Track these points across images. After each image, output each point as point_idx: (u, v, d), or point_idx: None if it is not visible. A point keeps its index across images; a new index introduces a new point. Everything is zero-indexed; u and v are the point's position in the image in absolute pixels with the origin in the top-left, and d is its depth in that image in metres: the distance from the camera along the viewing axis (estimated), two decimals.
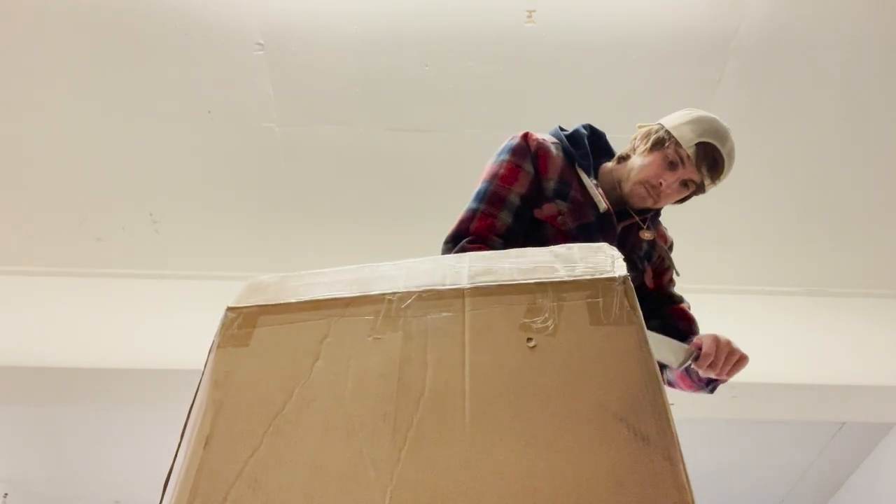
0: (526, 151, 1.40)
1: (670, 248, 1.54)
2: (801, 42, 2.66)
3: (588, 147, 1.48)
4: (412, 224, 3.03)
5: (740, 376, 1.36)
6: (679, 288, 1.61)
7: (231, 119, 2.82)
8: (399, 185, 3.00)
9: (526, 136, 1.42)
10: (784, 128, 2.87)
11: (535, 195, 1.38)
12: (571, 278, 0.80)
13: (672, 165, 1.37)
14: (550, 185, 1.38)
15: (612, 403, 0.70)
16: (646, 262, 1.47)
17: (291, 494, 0.68)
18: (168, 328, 2.93)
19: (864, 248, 3.15)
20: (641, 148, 1.44)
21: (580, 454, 0.67)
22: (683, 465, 0.66)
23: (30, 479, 3.92)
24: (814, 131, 2.87)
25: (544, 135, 1.46)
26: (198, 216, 3.05)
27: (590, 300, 0.77)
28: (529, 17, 2.59)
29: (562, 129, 1.52)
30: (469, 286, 0.81)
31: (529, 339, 0.76)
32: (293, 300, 0.84)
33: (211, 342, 0.83)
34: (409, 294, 0.82)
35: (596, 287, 0.78)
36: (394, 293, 0.82)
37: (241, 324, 0.83)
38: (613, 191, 1.45)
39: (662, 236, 1.53)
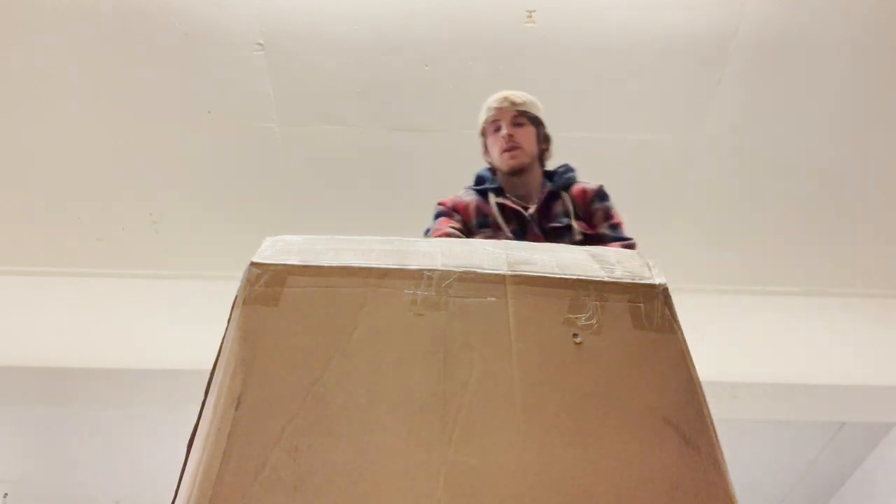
0: (449, 210, 1.73)
1: (600, 195, 1.73)
2: (800, 42, 2.66)
3: (488, 176, 1.80)
4: (412, 224, 3.03)
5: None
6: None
7: (231, 119, 2.82)
8: (399, 185, 3.00)
9: (441, 203, 1.76)
10: (784, 127, 2.87)
11: (467, 234, 1.67)
12: (612, 279, 0.80)
13: (496, 130, 1.74)
14: (473, 223, 1.69)
15: (661, 408, 0.71)
16: (569, 219, 1.68)
17: (338, 467, 0.65)
18: (168, 328, 2.93)
19: (864, 248, 3.15)
20: (482, 148, 1.83)
21: (633, 456, 0.67)
22: (729, 475, 0.67)
23: (30, 479, 3.92)
24: (813, 131, 2.87)
25: (454, 196, 1.79)
26: (198, 216, 3.05)
27: (631, 304, 0.78)
28: (529, 17, 2.59)
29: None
30: (510, 273, 0.81)
31: (575, 335, 0.76)
32: (324, 264, 0.81)
33: (234, 298, 0.79)
34: (449, 273, 0.81)
35: (637, 292, 0.79)
36: (433, 270, 0.81)
37: (269, 282, 0.80)
38: (515, 183, 1.73)
39: (582, 192, 1.73)
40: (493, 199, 1.72)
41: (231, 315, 0.79)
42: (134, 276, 3.11)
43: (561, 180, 1.76)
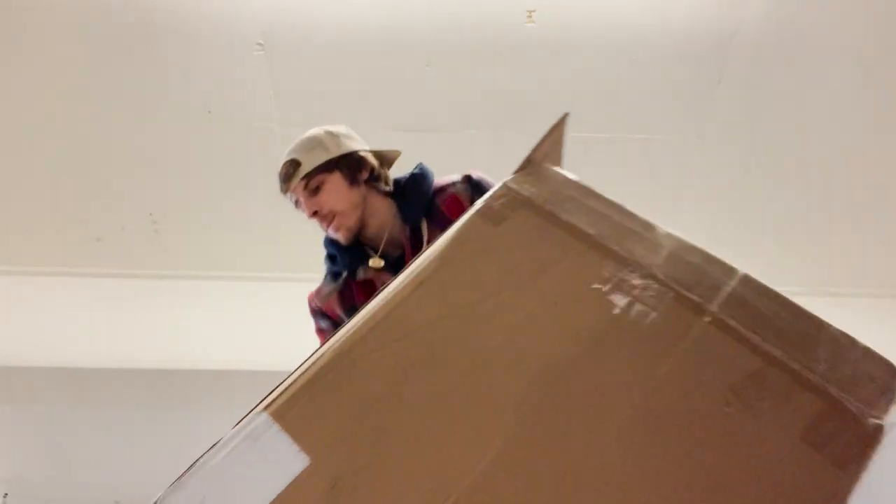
0: (315, 311, 1.55)
1: (473, 189, 1.52)
2: (800, 42, 2.66)
3: (338, 248, 1.54)
4: None
5: None
6: None
7: (231, 119, 2.82)
8: None
9: (308, 300, 1.56)
10: (784, 127, 2.87)
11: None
12: (816, 379, 0.70)
13: (297, 205, 1.57)
14: (343, 315, 1.49)
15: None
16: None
17: (447, 374, 0.71)
18: (167, 328, 2.93)
19: (864, 248, 3.15)
20: None
21: None
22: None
23: (30, 479, 3.92)
24: (813, 131, 2.87)
25: (317, 285, 1.58)
26: (198, 216, 3.05)
27: (815, 416, 0.67)
28: (529, 17, 2.59)
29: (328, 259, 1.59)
30: (715, 312, 0.73)
31: (728, 404, 0.66)
32: (554, 212, 0.84)
33: (477, 203, 0.87)
34: (651, 277, 0.76)
35: (829, 406, 0.69)
36: (640, 268, 0.77)
37: (505, 204, 0.85)
38: (365, 241, 1.53)
39: (455, 200, 1.52)
40: (352, 283, 1.49)
41: (465, 214, 0.86)
42: (134, 276, 3.12)
43: (415, 205, 1.51)
